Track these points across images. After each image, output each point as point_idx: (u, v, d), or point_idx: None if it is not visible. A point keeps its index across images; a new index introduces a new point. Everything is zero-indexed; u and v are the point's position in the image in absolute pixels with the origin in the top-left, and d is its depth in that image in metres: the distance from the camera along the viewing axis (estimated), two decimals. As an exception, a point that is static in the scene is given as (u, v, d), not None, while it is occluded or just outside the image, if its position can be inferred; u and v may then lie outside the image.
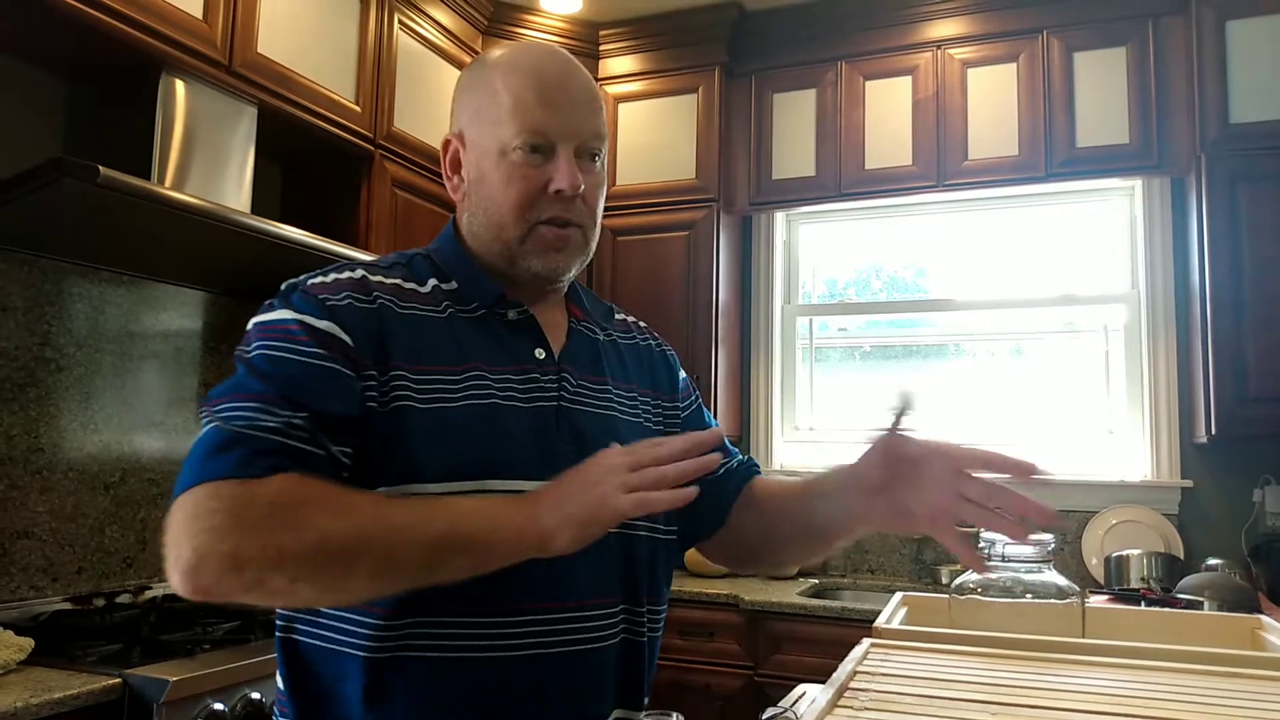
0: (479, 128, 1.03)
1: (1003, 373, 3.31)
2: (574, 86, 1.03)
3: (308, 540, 0.78)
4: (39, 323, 2.16)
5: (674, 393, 1.22)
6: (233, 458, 0.81)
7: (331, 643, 0.92)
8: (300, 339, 0.91)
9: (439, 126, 2.99)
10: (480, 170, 1.03)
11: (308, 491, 0.81)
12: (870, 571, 3.25)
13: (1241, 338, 2.60)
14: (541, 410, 1.00)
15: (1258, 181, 2.64)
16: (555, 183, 1.00)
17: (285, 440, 0.84)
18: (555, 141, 1.01)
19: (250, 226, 2.06)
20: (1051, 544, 1.25)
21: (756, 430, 3.48)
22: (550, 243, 1.02)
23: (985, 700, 0.77)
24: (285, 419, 0.85)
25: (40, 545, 2.15)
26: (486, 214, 1.03)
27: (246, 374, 0.90)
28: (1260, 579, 2.62)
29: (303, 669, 0.94)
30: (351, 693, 0.90)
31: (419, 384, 0.94)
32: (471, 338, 1.00)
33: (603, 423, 1.05)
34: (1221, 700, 0.80)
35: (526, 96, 1.00)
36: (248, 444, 0.82)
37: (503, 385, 0.98)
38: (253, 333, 0.93)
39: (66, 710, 1.58)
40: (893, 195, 3.15)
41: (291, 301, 0.95)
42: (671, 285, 3.22)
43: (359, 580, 0.81)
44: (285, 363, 0.89)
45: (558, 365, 1.04)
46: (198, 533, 0.78)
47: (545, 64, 1.03)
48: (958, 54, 3.05)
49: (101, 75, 2.17)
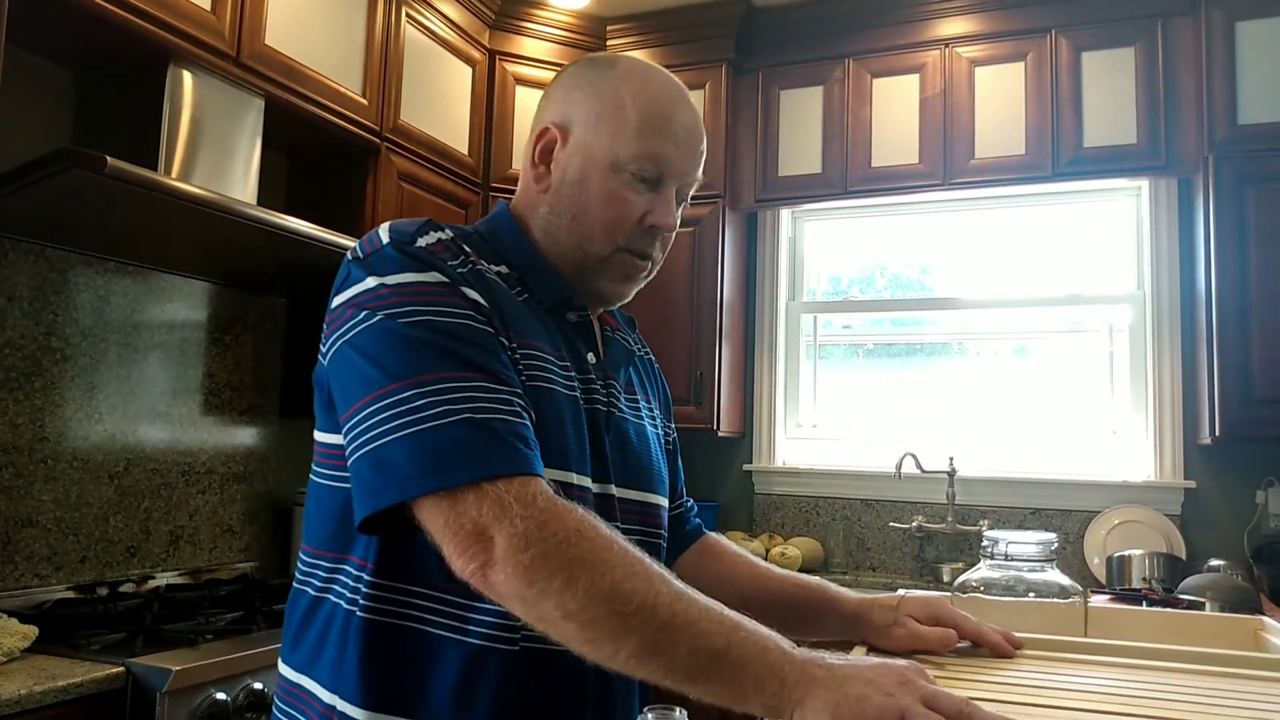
0: (594, 133, 1.01)
1: (1006, 372, 3.31)
2: (695, 129, 1.04)
3: (602, 586, 0.77)
4: (44, 312, 2.17)
5: (669, 416, 1.26)
6: (502, 449, 0.82)
7: (423, 624, 0.90)
8: (453, 301, 0.89)
9: (446, 120, 2.99)
10: (583, 174, 1.01)
11: (607, 534, 0.81)
12: (872, 569, 3.25)
13: (1247, 339, 2.60)
14: (596, 413, 1.01)
15: (1265, 183, 2.63)
16: (654, 217, 1.01)
17: (523, 421, 0.85)
18: (665, 177, 1.02)
19: (256, 218, 2.06)
20: (1055, 543, 1.25)
21: (760, 427, 3.48)
22: (627, 271, 1.05)
23: (987, 699, 0.77)
24: (508, 395, 0.86)
25: (44, 534, 2.15)
26: (575, 220, 1.02)
27: (425, 343, 0.85)
28: (1262, 580, 2.62)
29: (369, 647, 0.89)
30: (443, 677, 0.89)
31: (526, 360, 0.94)
32: (546, 327, 1.00)
33: (639, 432, 1.09)
34: (1224, 701, 0.80)
35: (655, 123, 1.00)
36: (503, 432, 0.83)
37: (569, 381, 0.99)
38: (389, 296, 0.88)
39: (70, 698, 1.58)
40: (899, 193, 3.15)
41: (428, 262, 0.90)
42: (676, 281, 3.22)
43: (625, 647, 0.77)
44: (468, 330, 0.88)
45: (604, 372, 1.06)
46: (503, 530, 0.78)
47: (677, 98, 1.04)
48: (965, 52, 3.05)
49: (110, 66, 2.18)
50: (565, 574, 0.77)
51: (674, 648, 0.76)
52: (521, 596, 0.78)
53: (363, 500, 0.84)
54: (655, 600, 0.77)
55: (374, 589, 0.90)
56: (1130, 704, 0.78)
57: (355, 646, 0.90)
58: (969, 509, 3.14)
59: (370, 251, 0.93)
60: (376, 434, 0.83)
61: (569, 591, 0.77)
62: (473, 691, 0.89)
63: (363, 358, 0.86)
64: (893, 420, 3.38)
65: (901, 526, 3.20)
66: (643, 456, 1.08)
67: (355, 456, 0.85)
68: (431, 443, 0.81)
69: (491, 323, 0.91)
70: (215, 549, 2.60)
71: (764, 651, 0.77)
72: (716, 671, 0.76)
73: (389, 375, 0.84)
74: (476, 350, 0.87)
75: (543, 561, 0.77)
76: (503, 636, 0.89)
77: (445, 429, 0.81)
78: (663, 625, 0.77)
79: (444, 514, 0.80)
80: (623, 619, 0.76)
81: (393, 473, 0.81)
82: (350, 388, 0.87)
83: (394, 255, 0.91)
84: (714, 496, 3.47)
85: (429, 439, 0.81)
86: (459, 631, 0.90)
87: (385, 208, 2.69)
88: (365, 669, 0.89)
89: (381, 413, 0.83)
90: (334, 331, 0.91)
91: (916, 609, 1.06)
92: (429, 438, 0.81)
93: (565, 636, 0.79)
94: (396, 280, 0.89)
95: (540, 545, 0.78)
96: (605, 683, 0.95)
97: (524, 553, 0.77)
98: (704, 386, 3.16)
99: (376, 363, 0.85)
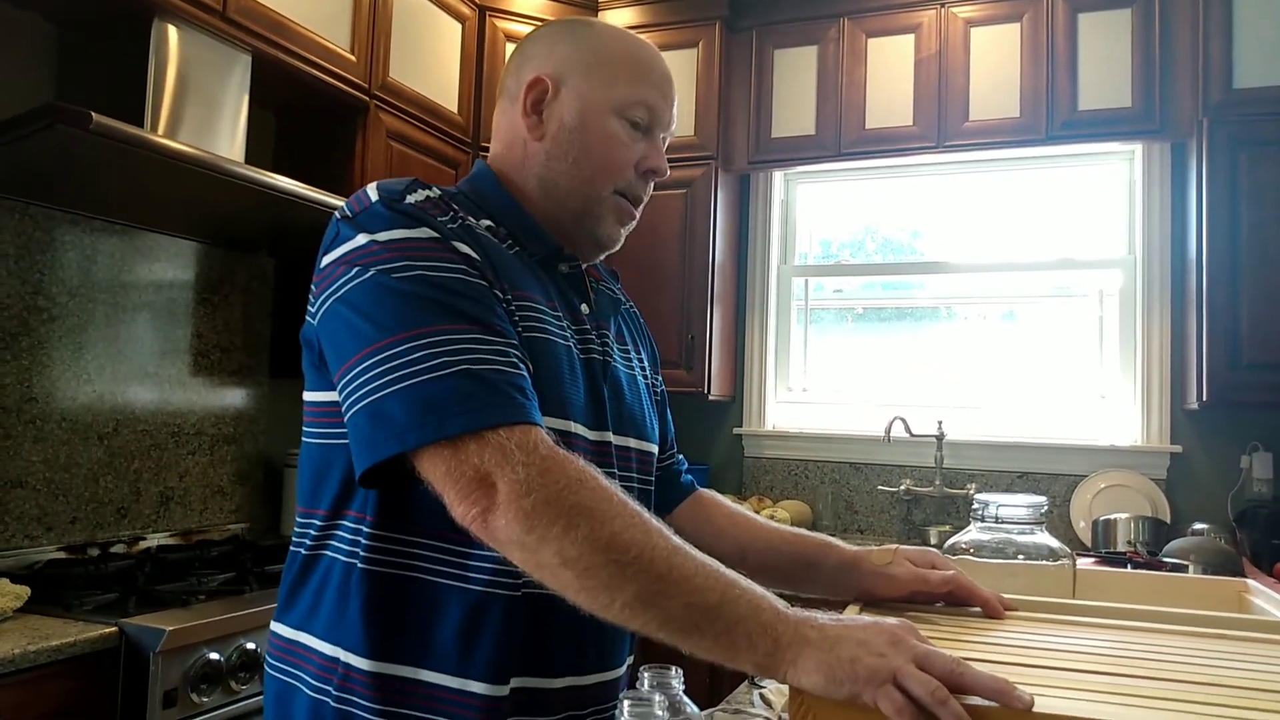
0: (589, 81, 1.04)
1: (996, 336, 3.32)
2: (670, 79, 1.10)
3: (601, 535, 0.77)
4: (31, 271, 2.14)
5: (655, 369, 1.27)
6: (501, 399, 0.82)
7: (425, 573, 0.91)
8: (445, 256, 0.89)
9: (435, 78, 2.95)
10: (582, 119, 1.03)
11: (607, 485, 0.81)
12: (860, 531, 3.28)
13: (1236, 304, 2.60)
14: (593, 361, 1.03)
15: (1259, 147, 2.62)
16: (650, 161, 1.06)
17: (520, 372, 0.86)
18: (654, 124, 1.07)
19: (243, 176, 2.03)
20: (1044, 506, 1.26)
21: (750, 390, 3.48)
22: (622, 215, 1.08)
23: (978, 659, 0.78)
24: (504, 346, 0.86)
25: (34, 495, 2.15)
26: (576, 164, 1.04)
27: (420, 297, 0.85)
28: (1244, 544, 2.66)
29: (371, 597, 0.90)
30: (446, 625, 0.90)
31: (522, 312, 0.94)
32: (539, 279, 1.01)
33: (631, 381, 1.11)
34: (1210, 661, 0.81)
35: (648, 73, 1.06)
36: (500, 383, 0.83)
37: (564, 331, 1.00)
38: (380, 252, 0.88)
39: (64, 658, 1.59)
40: (892, 155, 3.13)
41: (418, 218, 0.91)
42: (668, 243, 3.20)
43: (621, 596, 0.77)
44: (462, 284, 0.88)
45: (597, 322, 1.07)
46: (506, 477, 0.79)
47: (652, 51, 1.10)
48: (961, 12, 3.02)
49: (95, 21, 2.13)
50: (565, 520, 0.78)
51: (669, 600, 0.77)
52: (521, 542, 0.79)
53: (361, 453, 0.84)
54: (653, 553, 0.78)
55: (374, 539, 0.91)
56: (1118, 664, 0.79)
57: (358, 598, 0.91)
58: (957, 473, 3.16)
59: (360, 210, 0.93)
60: (373, 388, 0.83)
61: (568, 538, 0.77)
62: (476, 638, 0.90)
63: (356, 313, 0.86)
64: (882, 384, 3.39)
65: (889, 489, 3.23)
66: (634, 405, 1.10)
67: (352, 411, 0.85)
68: (429, 394, 0.81)
69: (485, 276, 0.91)
70: (206, 510, 2.60)
71: (757, 610, 0.77)
72: (709, 626, 0.77)
73: (383, 329, 0.84)
74: (470, 303, 0.87)
75: (544, 507, 0.78)
76: (504, 583, 0.91)
77: (442, 380, 0.82)
78: (659, 577, 0.77)
79: (445, 462, 0.81)
80: (620, 568, 0.77)
81: (390, 425, 0.81)
82: (344, 344, 0.87)
83: (384, 212, 0.91)
84: (704, 459, 3.49)
85: (426, 390, 0.81)
86: (460, 580, 0.91)
87: (374, 166, 2.66)
88: (369, 620, 0.90)
89: (377, 367, 0.83)
90: (325, 289, 0.91)
91: (914, 556, 1.07)
92: (426, 389, 0.81)
93: (562, 584, 0.79)
94: (388, 236, 0.89)
95: (542, 491, 0.78)
96: (606, 628, 0.96)
97: (525, 498, 0.78)
98: (695, 350, 3.16)
99: (370, 318, 0.85)
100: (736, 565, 1.16)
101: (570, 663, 0.97)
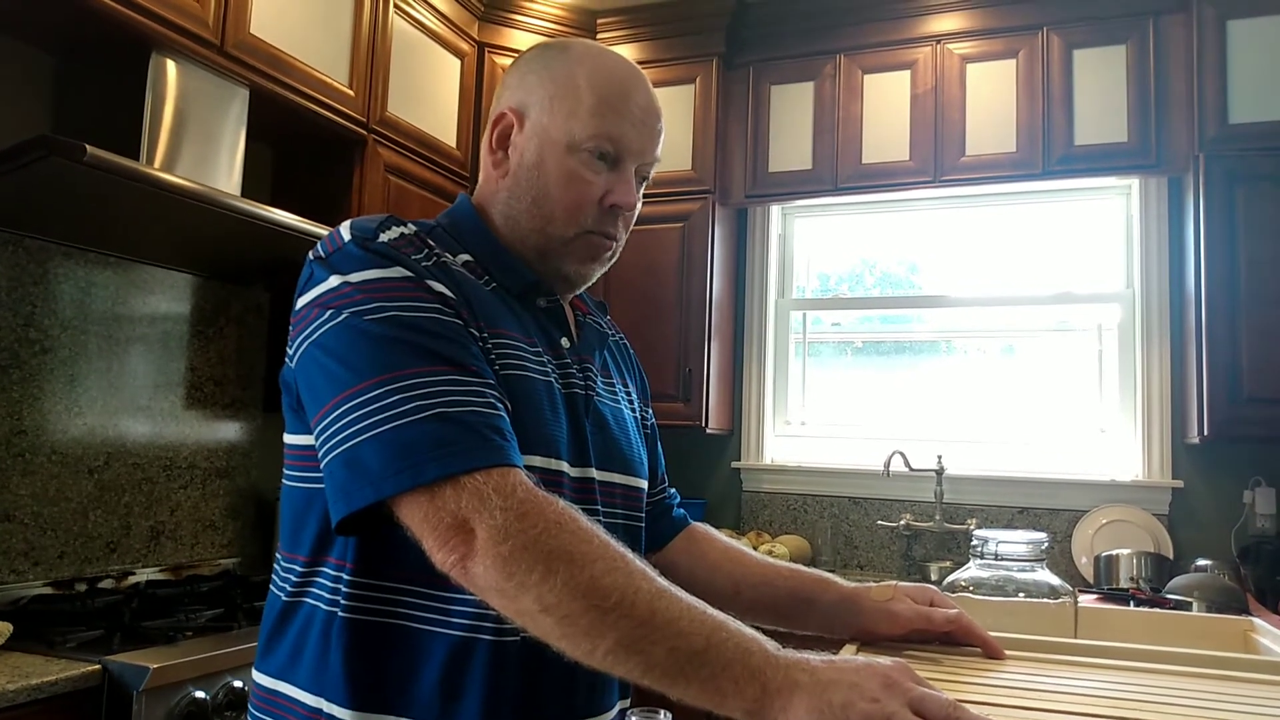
0: (550, 115, 1.00)
1: (995, 370, 3.31)
2: (652, 108, 1.04)
3: (580, 580, 0.75)
4: (23, 303, 2.13)
5: (646, 401, 1.25)
6: (477, 442, 0.80)
7: (406, 619, 0.89)
8: (419, 296, 0.87)
9: (433, 113, 2.97)
10: (540, 156, 1.00)
11: (588, 527, 0.79)
12: (859, 567, 3.24)
13: (1235, 339, 2.59)
14: (575, 396, 1.01)
15: (1255, 182, 2.63)
16: (615, 196, 1.01)
17: (498, 413, 0.84)
18: (623, 156, 1.01)
19: (240, 210, 2.03)
20: (1045, 543, 1.24)
21: (748, 424, 3.46)
22: (592, 252, 1.03)
23: (976, 701, 0.76)
24: (480, 387, 0.84)
25: (21, 529, 2.12)
26: (535, 204, 1.01)
27: (393, 340, 0.84)
28: (1248, 580, 2.62)
29: (353, 646, 0.88)
30: (429, 672, 0.88)
31: (499, 349, 0.93)
32: (516, 314, 0.99)
33: (617, 415, 1.08)
34: (1215, 703, 0.79)
35: (611, 102, 1.00)
36: (477, 425, 0.81)
37: (543, 366, 0.98)
38: (353, 294, 0.86)
39: (44, 697, 1.56)
40: (889, 190, 3.14)
41: (391, 257, 0.89)
42: (665, 277, 3.20)
43: (603, 643, 0.75)
44: (436, 324, 0.86)
45: (579, 356, 1.05)
46: (483, 522, 0.77)
47: (632, 77, 1.04)
48: (957, 49, 3.04)
49: (92, 53, 2.15)
50: (544, 566, 0.75)
51: (652, 646, 0.74)
52: (501, 589, 0.77)
53: (337, 501, 0.82)
54: (635, 597, 0.75)
55: (354, 588, 0.89)
56: (1120, 707, 0.77)
57: (339, 647, 0.88)
58: (957, 507, 3.13)
59: (332, 250, 0.91)
60: (348, 434, 0.81)
61: (546, 585, 0.75)
62: (460, 684, 0.88)
63: (330, 357, 0.85)
64: (881, 418, 3.37)
65: (889, 524, 3.20)
66: (621, 439, 1.08)
67: (328, 459, 0.83)
68: (404, 439, 0.79)
69: (460, 314, 0.89)
70: (197, 545, 2.57)
71: (746, 654, 0.74)
72: (695, 672, 0.74)
73: (357, 374, 0.82)
74: (445, 343, 0.85)
75: (521, 553, 0.76)
76: (487, 627, 0.88)
77: (417, 425, 0.80)
78: (641, 622, 0.75)
79: (422, 509, 0.79)
80: (600, 614, 0.75)
81: (366, 473, 0.80)
82: (319, 389, 0.85)
83: (356, 252, 0.90)
84: (701, 493, 3.46)
85: (401, 436, 0.79)
86: (442, 625, 0.88)
87: (372, 200, 2.67)
88: (350, 669, 0.88)
89: (352, 413, 0.82)
90: (300, 333, 0.90)
91: (913, 594, 1.05)
92: (401, 434, 0.79)
93: (543, 631, 0.77)
94: (360, 277, 0.87)
95: (519, 537, 0.76)
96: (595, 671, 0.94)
97: (503, 544, 0.76)
98: (692, 383, 3.14)
99: (344, 362, 0.84)
100: (731, 601, 1.14)
101: (560, 707, 0.94)
